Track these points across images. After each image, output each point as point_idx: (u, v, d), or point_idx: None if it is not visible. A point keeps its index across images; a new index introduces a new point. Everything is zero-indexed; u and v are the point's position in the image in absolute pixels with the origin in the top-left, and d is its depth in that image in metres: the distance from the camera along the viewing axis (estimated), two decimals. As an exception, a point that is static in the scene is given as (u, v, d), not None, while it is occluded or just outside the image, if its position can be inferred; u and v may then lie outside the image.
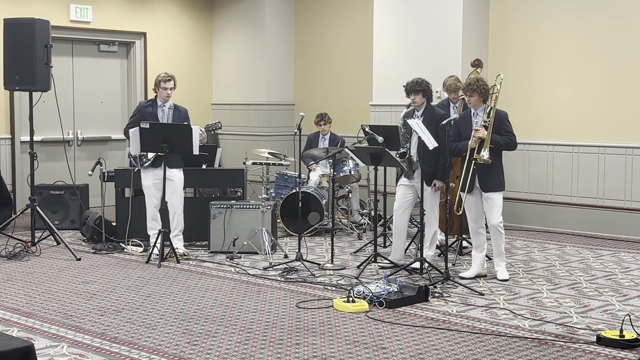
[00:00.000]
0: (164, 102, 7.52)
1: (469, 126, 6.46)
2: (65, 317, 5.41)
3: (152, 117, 7.42)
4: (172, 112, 7.55)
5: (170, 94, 7.48)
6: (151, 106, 7.54)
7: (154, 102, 7.56)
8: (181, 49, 11.63)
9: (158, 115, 7.49)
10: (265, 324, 5.22)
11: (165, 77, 7.47)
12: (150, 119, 7.38)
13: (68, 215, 9.00)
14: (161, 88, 7.47)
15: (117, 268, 7.02)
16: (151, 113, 7.47)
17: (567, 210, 8.97)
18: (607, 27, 8.58)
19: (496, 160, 6.41)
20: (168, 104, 7.54)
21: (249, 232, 7.60)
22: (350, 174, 8.78)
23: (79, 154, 10.76)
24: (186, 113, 7.64)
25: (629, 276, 6.72)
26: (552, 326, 5.19)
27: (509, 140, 6.42)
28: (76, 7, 10.48)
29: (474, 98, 6.43)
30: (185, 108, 7.68)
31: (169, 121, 7.48)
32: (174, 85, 7.51)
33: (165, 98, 7.49)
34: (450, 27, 9.18)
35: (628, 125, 8.50)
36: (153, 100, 7.58)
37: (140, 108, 7.62)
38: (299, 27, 11.53)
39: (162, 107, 7.53)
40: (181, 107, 7.64)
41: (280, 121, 11.53)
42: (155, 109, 7.52)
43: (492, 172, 6.42)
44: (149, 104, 7.58)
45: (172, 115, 7.53)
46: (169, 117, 7.52)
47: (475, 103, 6.46)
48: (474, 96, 6.42)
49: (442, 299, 5.86)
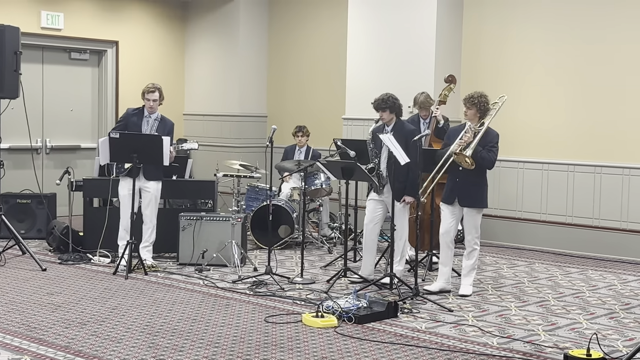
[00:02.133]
0: (150, 113, 7.44)
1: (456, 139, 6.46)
2: (28, 329, 5.31)
3: (136, 127, 7.34)
4: (157, 123, 7.44)
5: (153, 105, 7.38)
6: (137, 115, 7.45)
7: (141, 112, 7.47)
8: (153, 59, 11.56)
9: (142, 126, 7.40)
10: (233, 339, 5.16)
11: (151, 88, 7.38)
12: (134, 128, 7.31)
13: (35, 225, 8.87)
14: (145, 99, 7.38)
15: (83, 279, 6.92)
16: (135, 123, 7.39)
17: (537, 227, 9.03)
18: (580, 44, 8.67)
19: (481, 179, 6.42)
20: (154, 115, 7.45)
21: (219, 244, 7.54)
22: (322, 188, 8.77)
23: (47, 162, 10.62)
24: (172, 126, 7.52)
25: (597, 294, 6.76)
26: (520, 344, 5.19)
27: (487, 155, 6.38)
28: (47, 14, 10.37)
29: (472, 111, 6.43)
30: (172, 121, 7.57)
31: (152, 133, 7.37)
32: (159, 97, 7.42)
33: (150, 109, 7.40)
34: (423, 42, 9.22)
35: (597, 144, 8.59)
36: (140, 110, 7.49)
37: (127, 116, 7.52)
38: (273, 38, 11.52)
39: (148, 117, 7.44)
40: (168, 120, 7.53)
41: (252, 133, 11.48)
42: (141, 119, 7.43)
43: (475, 189, 6.42)
44: (136, 113, 7.48)
45: (157, 127, 7.43)
46: (154, 128, 7.41)
47: (471, 117, 6.46)
48: (472, 109, 6.42)
49: (412, 315, 5.85)
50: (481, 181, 6.48)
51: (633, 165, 8.35)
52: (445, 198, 6.55)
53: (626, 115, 8.38)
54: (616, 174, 8.47)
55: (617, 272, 7.75)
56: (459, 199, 6.46)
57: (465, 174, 6.41)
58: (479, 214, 6.53)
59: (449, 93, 7.82)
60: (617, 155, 8.46)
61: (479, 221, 6.53)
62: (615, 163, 8.47)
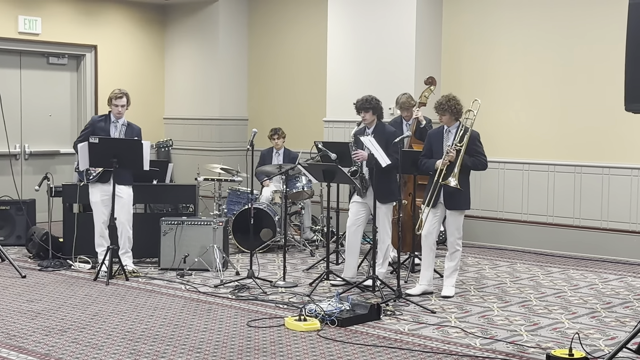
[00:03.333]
0: (117, 119, 7.39)
1: (441, 143, 6.46)
2: (7, 337, 5.25)
3: (104, 133, 7.29)
4: (125, 129, 7.41)
5: (121, 111, 7.35)
6: (104, 121, 7.41)
7: (107, 118, 7.43)
8: (133, 63, 11.49)
9: (110, 131, 7.36)
10: (216, 344, 5.13)
11: (118, 93, 7.35)
12: (102, 134, 7.25)
13: (14, 231, 8.78)
14: (113, 105, 7.34)
15: (63, 286, 6.86)
16: (103, 128, 7.34)
17: (518, 228, 9.06)
18: (559, 46, 8.72)
19: (464, 182, 6.42)
20: (121, 121, 7.41)
21: (200, 248, 7.50)
22: (303, 190, 8.75)
23: (25, 168, 10.53)
24: (139, 132, 7.49)
25: (578, 294, 6.79)
26: (503, 344, 5.20)
27: (477, 161, 6.42)
28: (25, 19, 10.28)
29: (446, 117, 6.44)
30: (138, 127, 7.54)
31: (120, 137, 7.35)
32: (126, 102, 7.38)
33: (117, 115, 7.36)
34: (403, 43, 9.23)
35: (578, 144, 8.63)
36: (107, 116, 7.45)
37: (93, 123, 7.48)
38: (253, 41, 11.49)
39: (115, 123, 7.40)
40: (134, 125, 7.51)
41: (233, 136, 11.45)
42: (108, 124, 7.39)
43: (458, 191, 6.42)
44: (102, 119, 7.45)
45: (125, 132, 7.39)
46: (122, 133, 7.38)
47: (447, 121, 6.47)
48: (445, 115, 6.43)
49: (394, 317, 5.84)
50: (464, 184, 6.49)
51: (613, 164, 8.40)
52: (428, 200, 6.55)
53: (606, 116, 8.42)
54: (596, 174, 8.51)
55: (598, 271, 7.79)
56: (445, 201, 6.45)
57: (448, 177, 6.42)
58: (461, 215, 6.54)
59: (429, 94, 7.86)
60: (597, 155, 8.51)
61: (462, 222, 6.54)
62: (595, 163, 8.51)
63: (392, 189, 6.73)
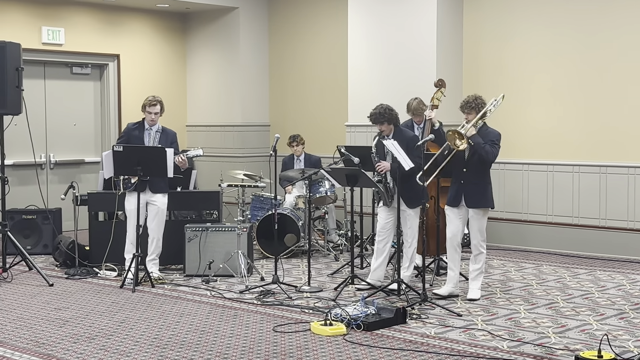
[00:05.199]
0: (151, 126, 7.44)
1: None
2: (37, 345, 5.30)
3: (138, 141, 7.35)
4: (159, 135, 7.45)
5: (155, 118, 7.40)
6: (138, 129, 7.46)
7: (142, 125, 7.47)
8: (155, 71, 11.57)
9: (144, 139, 7.41)
10: (242, 349, 5.14)
11: (152, 101, 7.39)
12: (137, 142, 7.31)
13: (40, 240, 8.86)
14: (147, 112, 7.39)
15: (90, 293, 6.91)
16: (137, 136, 7.40)
17: (543, 229, 9.00)
18: (582, 45, 8.66)
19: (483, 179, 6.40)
20: (155, 127, 7.46)
21: (225, 254, 7.53)
22: (327, 195, 8.75)
23: (51, 177, 10.63)
24: (174, 136, 7.54)
25: (606, 295, 6.73)
26: (531, 347, 5.17)
27: (490, 149, 6.35)
28: (48, 30, 10.39)
29: (472, 115, 6.45)
30: (173, 131, 7.59)
31: (155, 145, 7.38)
32: (160, 110, 7.43)
33: (151, 122, 7.41)
34: (424, 46, 9.22)
35: (602, 144, 8.57)
36: (140, 123, 7.49)
37: (128, 131, 7.53)
38: (273, 47, 11.53)
39: (149, 130, 7.44)
40: (169, 130, 7.55)
41: (255, 142, 11.49)
42: (142, 132, 7.44)
43: (480, 188, 6.41)
44: (137, 127, 7.49)
45: (159, 139, 7.44)
46: (156, 140, 7.42)
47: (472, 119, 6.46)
48: (472, 114, 6.44)
49: (420, 321, 5.83)
50: (485, 181, 6.47)
51: (638, 164, 8.33)
52: (451, 201, 6.54)
53: (630, 115, 8.36)
54: (621, 174, 8.44)
55: (625, 272, 7.72)
56: (466, 200, 6.44)
57: (468, 175, 6.41)
58: (485, 216, 6.51)
59: (440, 97, 7.82)
60: (622, 155, 8.44)
61: (485, 224, 6.52)
62: (620, 163, 8.44)
63: (417, 192, 6.71)
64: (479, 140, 6.34)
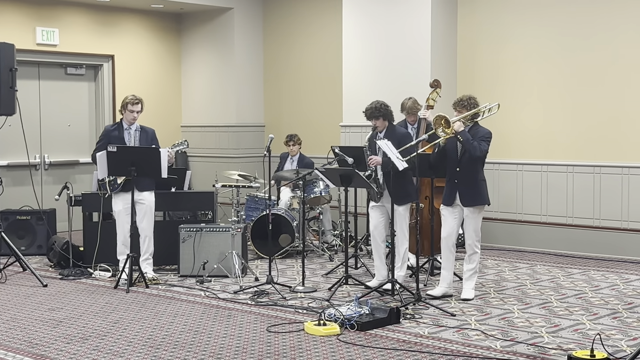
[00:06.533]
0: (130, 125, 7.44)
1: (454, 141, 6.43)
2: (30, 345, 5.30)
3: (118, 141, 7.33)
4: (138, 134, 7.46)
5: (136, 117, 7.40)
6: (117, 130, 7.45)
7: (120, 125, 7.47)
8: (150, 71, 11.57)
9: (125, 138, 7.41)
10: (236, 349, 5.15)
11: (133, 99, 7.39)
12: (117, 142, 7.29)
13: (35, 241, 8.85)
14: (128, 110, 7.39)
15: (84, 294, 6.90)
16: (118, 137, 7.39)
17: (537, 229, 9.02)
18: (576, 47, 8.68)
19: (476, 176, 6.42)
20: (134, 126, 7.46)
21: (219, 255, 7.53)
22: (321, 195, 8.75)
23: (45, 178, 10.62)
24: (153, 133, 7.55)
25: (599, 294, 6.74)
26: (524, 347, 5.18)
27: (479, 144, 6.33)
28: (42, 30, 10.38)
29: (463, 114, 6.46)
30: (152, 128, 7.59)
31: (135, 143, 7.39)
32: (141, 108, 7.44)
33: (131, 121, 7.41)
34: (418, 46, 9.23)
35: (596, 144, 8.58)
36: (119, 124, 7.50)
37: (107, 132, 7.53)
38: (268, 48, 11.53)
39: (129, 129, 7.45)
40: (148, 128, 7.56)
41: (250, 143, 11.49)
42: (122, 132, 7.43)
43: (473, 187, 6.42)
44: (115, 128, 7.49)
45: (139, 137, 7.44)
46: (136, 139, 7.43)
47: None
48: (463, 112, 6.44)
49: (414, 321, 5.83)
50: (479, 178, 6.47)
51: (632, 164, 8.35)
52: (445, 200, 6.55)
53: (624, 115, 8.38)
54: (615, 174, 8.46)
55: (619, 271, 7.74)
56: (461, 199, 6.44)
57: (462, 174, 6.41)
58: (480, 214, 6.51)
59: (436, 97, 7.83)
60: (616, 155, 8.46)
61: (480, 224, 6.53)
62: (614, 163, 8.46)
63: (408, 190, 6.74)
64: (468, 136, 6.34)
